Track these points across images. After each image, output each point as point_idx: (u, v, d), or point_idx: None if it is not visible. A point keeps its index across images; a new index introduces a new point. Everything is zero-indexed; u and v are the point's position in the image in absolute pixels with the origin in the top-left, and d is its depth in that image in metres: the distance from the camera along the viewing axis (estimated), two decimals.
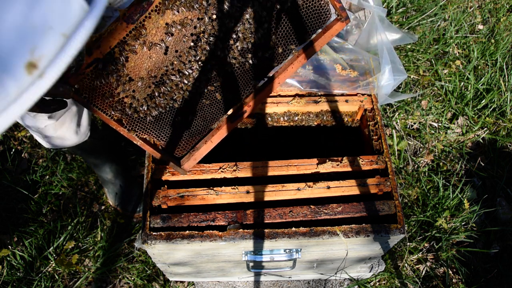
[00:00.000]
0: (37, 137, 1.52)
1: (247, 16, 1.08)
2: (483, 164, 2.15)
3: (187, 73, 1.10)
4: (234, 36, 1.10)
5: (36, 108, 0.96)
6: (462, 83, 2.35)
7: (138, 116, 1.12)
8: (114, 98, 1.07)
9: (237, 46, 1.11)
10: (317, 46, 1.16)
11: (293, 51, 1.16)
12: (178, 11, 1.03)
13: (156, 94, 1.11)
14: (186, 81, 1.11)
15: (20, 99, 0.41)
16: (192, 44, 1.08)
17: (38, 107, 0.96)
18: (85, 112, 1.51)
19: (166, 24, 1.04)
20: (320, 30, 1.15)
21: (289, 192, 1.27)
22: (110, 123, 1.09)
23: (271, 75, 1.20)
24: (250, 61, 1.14)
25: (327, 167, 1.31)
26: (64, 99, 1.03)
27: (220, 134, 1.21)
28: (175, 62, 1.09)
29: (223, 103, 1.19)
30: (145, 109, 1.11)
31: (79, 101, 1.02)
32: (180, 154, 1.22)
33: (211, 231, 1.20)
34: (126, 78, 1.06)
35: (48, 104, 0.99)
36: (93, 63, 0.99)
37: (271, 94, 1.44)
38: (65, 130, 1.45)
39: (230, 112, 1.22)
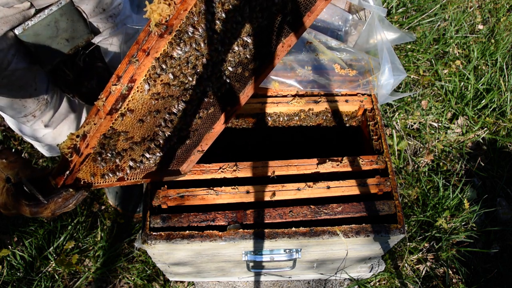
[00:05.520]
0: (37, 146, 1.52)
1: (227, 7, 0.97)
2: (483, 164, 2.15)
3: (179, 108, 1.05)
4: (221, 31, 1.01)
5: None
6: (462, 83, 2.35)
7: (138, 169, 1.10)
8: (113, 169, 1.04)
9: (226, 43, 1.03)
10: (300, 30, 1.09)
11: (280, 38, 1.09)
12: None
13: (152, 146, 1.07)
14: (176, 113, 1.05)
15: None
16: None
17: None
18: (83, 118, 1.51)
19: (152, 94, 0.94)
20: (304, 13, 1.08)
21: (289, 192, 1.27)
22: (113, 185, 1.07)
23: (258, 67, 1.14)
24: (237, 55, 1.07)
25: (327, 167, 1.31)
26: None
27: (212, 135, 1.19)
28: (165, 116, 1.03)
29: (216, 107, 1.14)
30: (144, 162, 1.09)
31: (81, 187, 1.00)
32: (177, 168, 1.22)
33: (211, 231, 1.20)
34: (121, 151, 1.02)
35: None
36: (85, 159, 0.95)
37: (270, 94, 1.45)
38: (63, 137, 1.45)
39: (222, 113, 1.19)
